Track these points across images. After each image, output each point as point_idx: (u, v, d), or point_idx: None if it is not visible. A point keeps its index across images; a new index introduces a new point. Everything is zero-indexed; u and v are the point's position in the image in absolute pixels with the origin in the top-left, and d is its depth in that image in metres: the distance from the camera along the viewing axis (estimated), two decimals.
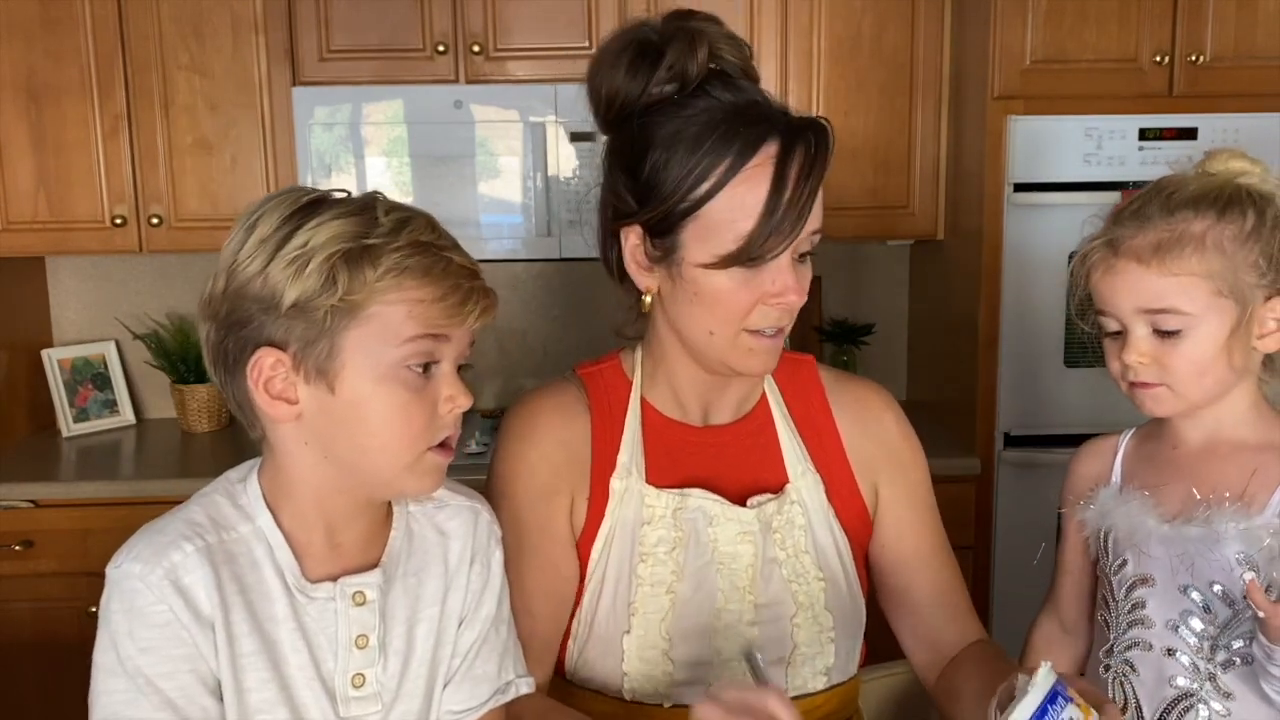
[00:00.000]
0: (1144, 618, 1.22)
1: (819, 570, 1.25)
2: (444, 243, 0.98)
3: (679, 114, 1.13)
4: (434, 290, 0.94)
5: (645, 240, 1.17)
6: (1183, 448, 1.25)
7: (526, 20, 2.64)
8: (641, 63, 1.15)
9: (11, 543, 2.48)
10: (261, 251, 0.93)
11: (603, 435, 1.25)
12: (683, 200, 1.12)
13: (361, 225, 0.94)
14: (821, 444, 1.29)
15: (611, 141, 1.21)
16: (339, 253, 0.92)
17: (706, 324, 1.16)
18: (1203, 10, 2.41)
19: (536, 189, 2.62)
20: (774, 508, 1.24)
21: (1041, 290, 2.48)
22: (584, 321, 3.05)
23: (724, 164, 1.11)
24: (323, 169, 2.60)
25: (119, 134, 2.63)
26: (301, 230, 0.93)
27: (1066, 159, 2.45)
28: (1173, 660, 1.20)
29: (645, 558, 1.21)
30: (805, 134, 1.12)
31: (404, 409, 0.96)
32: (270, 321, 0.93)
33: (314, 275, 0.91)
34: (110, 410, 2.97)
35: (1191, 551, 1.18)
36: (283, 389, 0.95)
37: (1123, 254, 1.19)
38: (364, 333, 0.93)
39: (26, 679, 2.55)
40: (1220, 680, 1.18)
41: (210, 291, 0.97)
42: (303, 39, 2.63)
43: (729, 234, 1.11)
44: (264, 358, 0.94)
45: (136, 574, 0.95)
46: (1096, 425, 1.38)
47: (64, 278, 3.03)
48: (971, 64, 2.55)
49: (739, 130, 1.11)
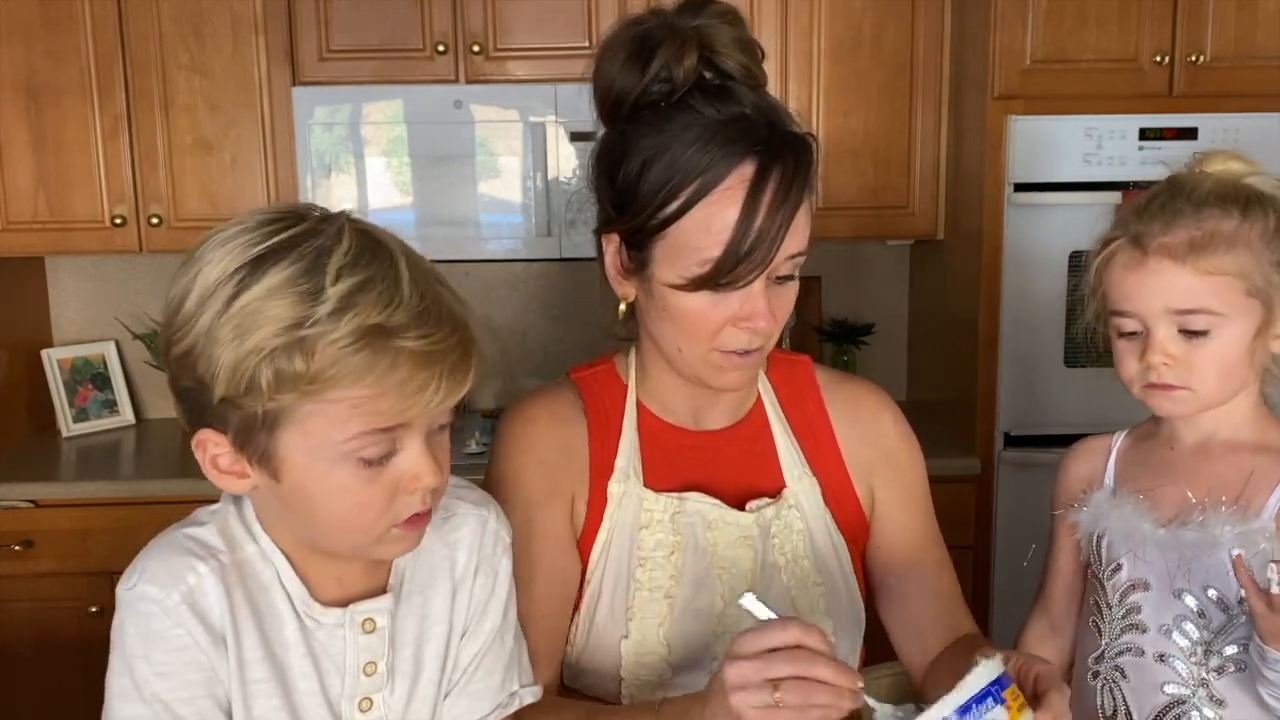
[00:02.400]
0: (1139, 623, 1.21)
1: (817, 575, 1.23)
2: (397, 320, 0.83)
3: (659, 125, 1.09)
4: (379, 386, 0.83)
5: (621, 249, 1.14)
6: (1178, 449, 1.24)
7: (526, 20, 2.64)
8: (636, 60, 1.11)
9: (11, 543, 2.48)
10: (201, 316, 0.84)
11: (600, 439, 1.23)
12: (652, 217, 1.09)
13: (301, 304, 0.82)
14: (818, 447, 1.27)
15: (601, 139, 1.17)
16: (268, 350, 0.81)
17: (676, 340, 1.14)
18: (1203, 10, 2.41)
19: (536, 189, 2.62)
20: (772, 512, 1.22)
21: (1041, 290, 2.48)
22: (584, 321, 3.04)
23: (693, 184, 1.06)
24: (323, 169, 2.60)
25: (119, 134, 2.63)
26: (239, 301, 0.83)
27: (1066, 159, 2.45)
28: (1165, 666, 1.19)
29: (644, 562, 1.19)
30: (785, 155, 1.07)
31: (355, 500, 0.87)
32: (208, 404, 0.86)
33: (243, 369, 0.82)
34: (110, 410, 2.97)
35: (1188, 556, 1.17)
36: (231, 465, 0.89)
37: (1154, 252, 1.16)
38: (303, 429, 0.85)
39: (26, 679, 2.55)
40: (1213, 686, 1.17)
41: (161, 343, 0.90)
42: (302, 39, 2.63)
43: (695, 257, 1.07)
44: (206, 439, 0.88)
45: (152, 597, 0.91)
46: (1097, 425, 1.37)
47: (64, 278, 3.03)
48: (971, 64, 2.55)
49: (712, 149, 1.06)
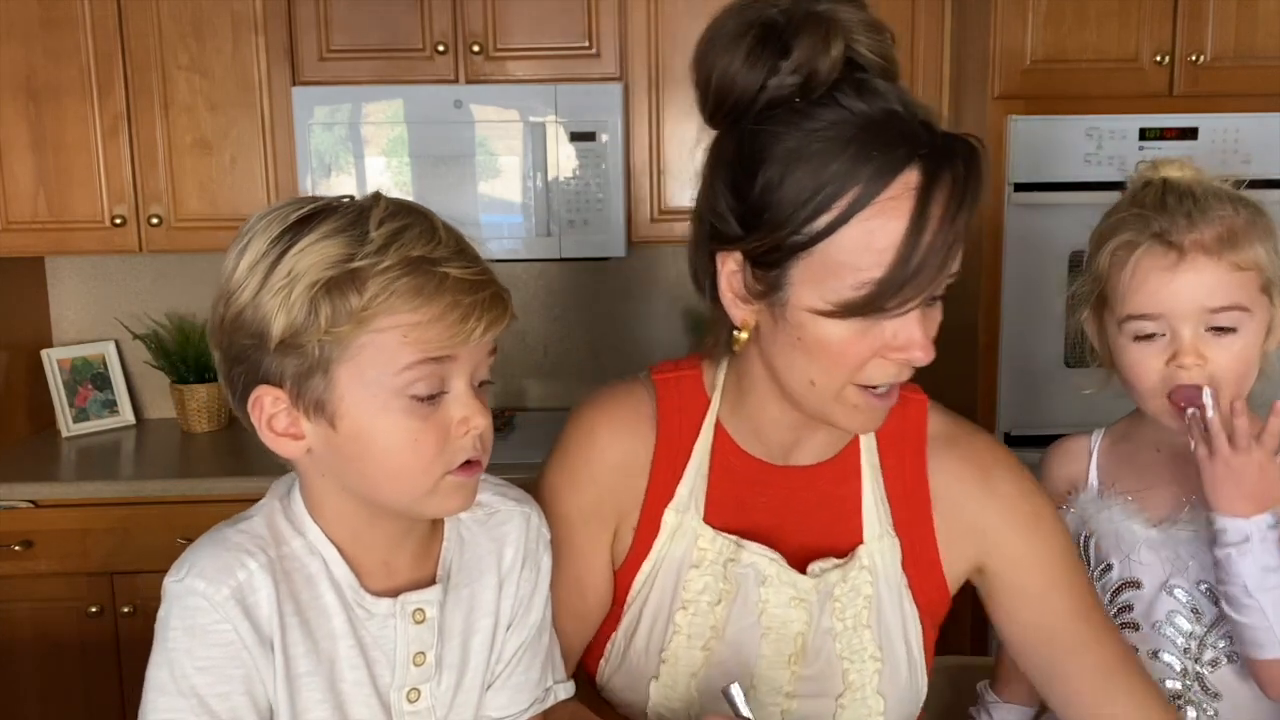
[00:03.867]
0: (1131, 620, 1.22)
1: (877, 649, 1.09)
2: (439, 254, 0.88)
3: (801, 124, 0.94)
4: (428, 311, 0.86)
5: (746, 270, 0.99)
6: (1165, 451, 1.23)
7: (526, 20, 2.64)
8: (763, 51, 0.95)
9: (11, 543, 2.48)
10: (251, 278, 0.88)
11: (665, 459, 1.12)
12: (796, 232, 0.93)
13: (348, 245, 0.87)
14: (908, 502, 1.11)
15: (716, 143, 1.02)
16: (321, 282, 0.85)
17: (808, 373, 0.99)
18: (1203, 10, 2.41)
19: (536, 189, 2.62)
20: (837, 575, 1.08)
21: (1042, 290, 2.47)
22: (584, 321, 3.04)
23: (851, 194, 0.91)
24: (322, 169, 2.60)
25: (119, 134, 2.63)
26: (288, 255, 0.87)
27: (1067, 159, 2.45)
28: (1158, 662, 1.20)
29: (687, 605, 1.09)
30: (954, 160, 0.93)
31: (410, 439, 0.89)
32: (264, 357, 0.88)
33: (297, 307, 0.86)
34: (110, 410, 2.97)
35: (1184, 555, 1.17)
36: (287, 425, 0.91)
37: (1190, 248, 1.11)
38: (357, 364, 0.87)
39: (26, 679, 2.54)
40: (1208, 680, 1.18)
41: (212, 321, 0.92)
42: (302, 39, 2.63)
43: (850, 279, 0.93)
44: (263, 396, 0.90)
45: (200, 590, 0.90)
46: (1095, 425, 1.37)
47: (63, 278, 3.03)
48: (971, 64, 2.55)
49: (872, 152, 0.91)
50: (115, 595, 2.50)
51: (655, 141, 2.69)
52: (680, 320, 3.05)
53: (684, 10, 2.63)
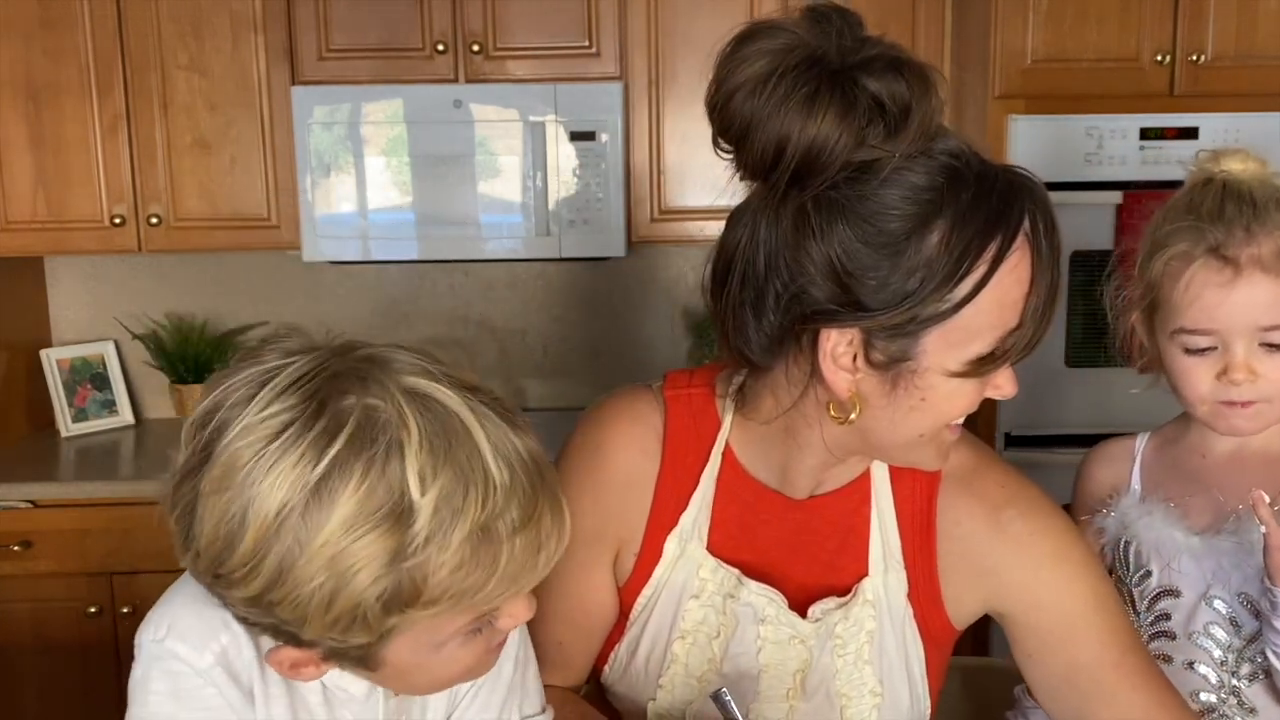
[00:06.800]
0: (1168, 629, 1.19)
1: (878, 684, 1.07)
2: (496, 509, 0.76)
3: (914, 185, 0.89)
4: (490, 582, 0.78)
5: (863, 345, 0.92)
6: (1210, 458, 1.20)
7: (526, 20, 2.64)
8: (852, 107, 0.88)
9: (10, 543, 2.47)
10: (264, 559, 0.75)
11: (670, 483, 1.08)
12: (941, 301, 0.88)
13: (393, 532, 0.74)
14: (915, 534, 1.07)
15: (794, 210, 0.91)
16: (372, 597, 0.75)
17: (919, 428, 0.96)
18: (1203, 10, 2.41)
19: (536, 189, 2.62)
20: (839, 615, 1.06)
21: None
22: (584, 321, 3.04)
23: (989, 254, 0.88)
24: (322, 169, 2.60)
25: (118, 133, 2.63)
26: (314, 544, 0.73)
27: (1067, 159, 2.45)
28: (1193, 673, 1.17)
29: (684, 636, 1.07)
30: (1037, 194, 0.91)
31: (462, 666, 0.85)
32: (293, 637, 0.81)
33: (342, 621, 0.76)
34: (109, 410, 2.96)
35: (1225, 565, 1.14)
36: (316, 671, 0.85)
37: (1246, 264, 1.09)
38: (410, 636, 0.80)
39: (25, 679, 2.54)
40: (1244, 694, 1.15)
41: (205, 573, 0.80)
42: (302, 38, 2.63)
43: (989, 335, 0.91)
44: (291, 658, 0.83)
45: (183, 656, 0.85)
46: (1097, 425, 1.37)
47: (63, 278, 3.02)
48: (972, 64, 2.55)
49: (994, 206, 0.88)
50: (114, 595, 2.50)
51: (655, 141, 2.69)
52: (680, 320, 3.04)
53: (684, 9, 2.62)
